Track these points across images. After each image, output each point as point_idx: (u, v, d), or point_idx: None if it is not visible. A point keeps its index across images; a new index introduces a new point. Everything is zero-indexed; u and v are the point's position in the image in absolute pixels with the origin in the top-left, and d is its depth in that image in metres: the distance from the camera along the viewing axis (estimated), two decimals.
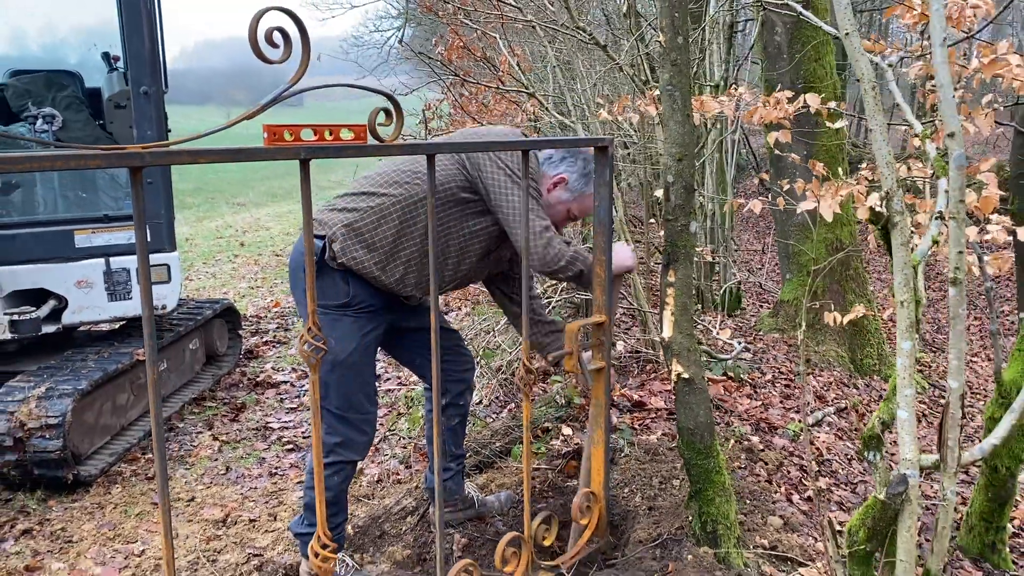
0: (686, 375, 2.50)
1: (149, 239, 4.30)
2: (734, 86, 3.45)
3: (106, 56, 5.28)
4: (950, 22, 2.42)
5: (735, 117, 3.66)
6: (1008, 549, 3.21)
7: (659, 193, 2.81)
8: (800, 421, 4.15)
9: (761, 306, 7.27)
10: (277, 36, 1.45)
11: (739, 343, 4.31)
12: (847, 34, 1.88)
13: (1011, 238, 2.79)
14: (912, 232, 2.78)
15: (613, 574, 2.52)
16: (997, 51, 2.57)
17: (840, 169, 5.28)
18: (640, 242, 6.00)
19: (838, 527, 2.28)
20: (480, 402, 4.45)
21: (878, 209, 1.91)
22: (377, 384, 4.36)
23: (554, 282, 4.94)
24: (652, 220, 5.44)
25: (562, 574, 2.49)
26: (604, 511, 2.69)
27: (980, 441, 2.16)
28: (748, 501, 3.06)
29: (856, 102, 15.98)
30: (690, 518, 2.67)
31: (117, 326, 4.88)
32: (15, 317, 4.07)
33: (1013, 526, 3.58)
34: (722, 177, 6.42)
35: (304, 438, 4.43)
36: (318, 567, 1.75)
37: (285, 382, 5.42)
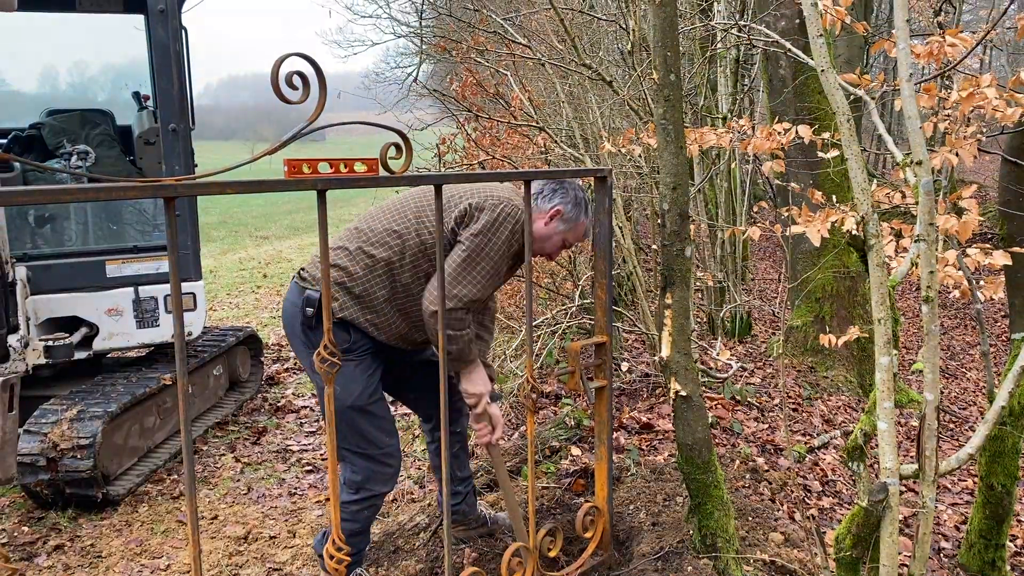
0: (684, 392, 2.62)
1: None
2: (734, 118, 3.60)
3: (136, 95, 5.54)
4: (929, 57, 2.56)
5: (731, 148, 3.80)
6: (1009, 567, 3.27)
7: None
8: (805, 443, 4.23)
9: (773, 333, 7.35)
10: (297, 79, 1.62)
11: (734, 363, 4.41)
12: (823, 71, 2.03)
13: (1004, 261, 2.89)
14: (903, 255, 2.90)
15: None
16: (980, 83, 2.71)
17: (848, 196, 5.40)
18: (652, 269, 6.13)
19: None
20: None
21: (855, 233, 2.04)
22: (393, 409, 4.49)
23: (565, 307, 5.07)
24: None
25: None
26: (608, 525, 2.79)
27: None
28: (751, 518, 3.15)
29: (873, 135, 16.02)
30: (690, 531, 2.77)
31: (145, 352, 5.08)
32: (49, 343, 4.26)
33: (1016, 545, 3.63)
34: (731, 206, 6.55)
35: (323, 459, 4.57)
36: (332, 569, 1.89)
37: (305, 407, 5.58)
